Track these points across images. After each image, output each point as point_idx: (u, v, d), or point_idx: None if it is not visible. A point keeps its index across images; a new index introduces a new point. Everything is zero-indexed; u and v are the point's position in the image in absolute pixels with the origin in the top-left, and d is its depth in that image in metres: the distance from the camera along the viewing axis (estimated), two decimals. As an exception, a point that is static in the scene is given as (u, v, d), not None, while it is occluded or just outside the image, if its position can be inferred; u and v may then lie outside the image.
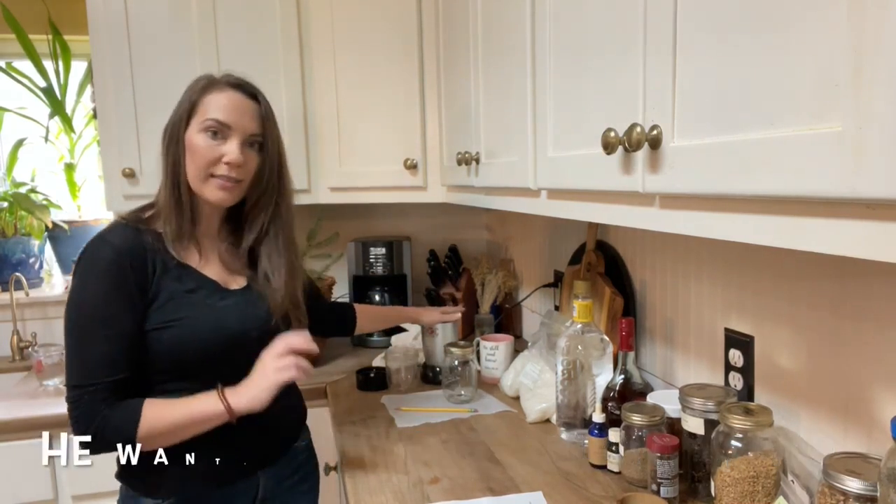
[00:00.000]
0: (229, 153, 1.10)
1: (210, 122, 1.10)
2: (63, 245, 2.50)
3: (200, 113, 1.12)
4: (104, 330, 1.04)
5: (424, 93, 1.95)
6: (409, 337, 2.02)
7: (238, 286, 1.19)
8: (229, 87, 1.14)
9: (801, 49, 0.54)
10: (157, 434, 1.03)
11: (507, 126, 1.29)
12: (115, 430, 1.03)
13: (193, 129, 1.12)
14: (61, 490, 1.73)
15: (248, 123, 1.13)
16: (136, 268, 1.06)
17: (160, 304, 1.08)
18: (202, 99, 1.12)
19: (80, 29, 2.20)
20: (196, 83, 1.15)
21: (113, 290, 1.04)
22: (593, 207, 0.98)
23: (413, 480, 1.22)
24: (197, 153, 1.10)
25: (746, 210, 0.64)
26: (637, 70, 0.78)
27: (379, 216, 2.48)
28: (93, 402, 1.03)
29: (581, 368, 1.34)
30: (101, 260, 1.06)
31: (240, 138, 1.12)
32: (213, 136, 1.11)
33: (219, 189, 1.12)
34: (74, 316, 1.06)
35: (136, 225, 1.12)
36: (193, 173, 1.11)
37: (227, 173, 1.11)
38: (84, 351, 1.05)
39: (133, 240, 1.09)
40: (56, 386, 1.91)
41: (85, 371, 1.04)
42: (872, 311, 0.88)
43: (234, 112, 1.12)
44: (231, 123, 1.11)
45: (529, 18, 1.12)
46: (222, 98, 1.12)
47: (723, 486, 0.97)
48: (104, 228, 1.12)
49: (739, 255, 1.14)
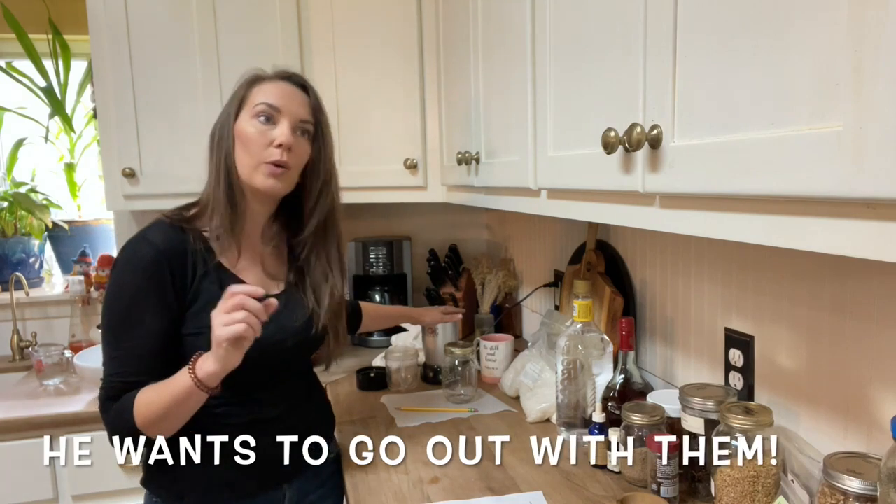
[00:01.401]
0: (280, 135, 1.08)
1: (261, 107, 1.09)
2: (63, 245, 2.51)
3: (250, 102, 1.10)
4: (132, 329, 1.03)
5: (425, 92, 1.95)
6: (409, 337, 2.02)
7: (277, 291, 1.16)
8: (278, 77, 1.14)
9: (801, 48, 0.54)
10: (156, 418, 1.00)
11: (507, 125, 1.29)
12: (118, 421, 1.02)
13: (243, 119, 1.10)
14: (61, 490, 1.73)
15: (298, 109, 1.12)
16: (176, 270, 1.05)
17: (198, 309, 1.06)
18: (250, 91, 1.11)
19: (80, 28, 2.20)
20: (246, 77, 1.14)
21: (147, 290, 1.03)
22: (593, 207, 0.98)
23: (413, 480, 1.22)
24: (248, 140, 1.09)
25: (747, 210, 0.64)
26: (637, 69, 0.78)
27: (379, 216, 2.48)
28: (105, 398, 1.04)
29: (581, 368, 1.34)
30: (139, 259, 1.04)
31: (290, 122, 1.10)
32: (265, 122, 1.09)
33: (269, 176, 1.08)
34: (107, 312, 1.05)
35: (180, 224, 1.09)
36: (245, 161, 1.09)
37: (278, 157, 1.08)
38: (111, 347, 1.05)
39: (175, 239, 1.07)
40: (56, 386, 1.91)
41: (111, 368, 1.04)
42: (873, 310, 0.88)
43: (283, 97, 1.11)
44: (281, 106, 1.09)
45: (530, 18, 1.12)
46: (273, 86, 1.12)
47: (723, 486, 0.97)
48: (145, 227, 1.09)
49: (740, 255, 1.14)
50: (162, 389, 1.00)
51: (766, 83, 0.59)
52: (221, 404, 1.07)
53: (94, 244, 2.49)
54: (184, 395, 0.98)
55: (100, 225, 2.55)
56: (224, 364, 0.95)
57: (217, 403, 1.05)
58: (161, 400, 0.99)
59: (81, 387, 1.89)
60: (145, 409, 1.00)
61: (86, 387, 1.88)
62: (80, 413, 1.69)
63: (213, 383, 0.98)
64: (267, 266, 1.18)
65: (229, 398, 1.06)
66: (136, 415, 1.00)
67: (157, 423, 1.01)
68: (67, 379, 1.95)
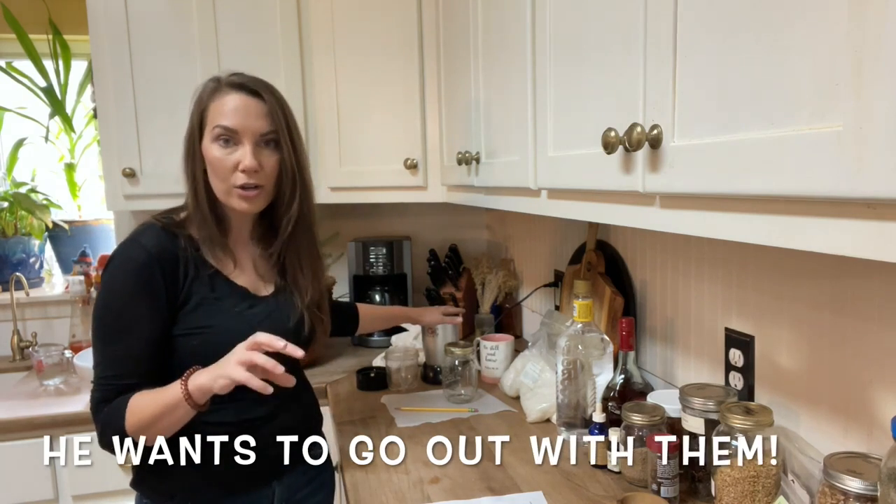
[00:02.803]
0: (242, 159, 1.07)
1: (218, 130, 1.08)
2: (63, 245, 2.50)
3: (209, 121, 1.09)
4: (124, 332, 1.04)
5: (425, 92, 1.95)
6: (409, 337, 2.02)
7: (268, 292, 1.18)
8: (231, 89, 1.09)
9: (801, 48, 0.54)
10: (143, 425, 1.01)
11: (507, 125, 1.29)
12: (109, 425, 1.02)
13: (207, 140, 1.09)
14: (62, 490, 1.73)
15: (255, 123, 1.08)
16: (168, 273, 1.06)
17: (189, 310, 1.07)
18: (209, 106, 1.10)
19: (80, 28, 2.20)
20: (203, 88, 1.12)
21: (139, 294, 1.04)
22: (593, 207, 0.98)
23: (413, 480, 1.22)
24: (215, 164, 1.08)
25: (747, 210, 0.64)
26: (637, 69, 0.78)
27: (379, 216, 2.48)
28: (98, 400, 1.04)
29: (581, 368, 1.34)
30: (131, 262, 1.05)
31: (251, 140, 1.08)
32: (225, 144, 1.08)
33: (241, 199, 1.09)
34: (98, 315, 1.06)
35: (171, 228, 1.10)
36: (217, 185, 1.10)
37: (245, 181, 1.08)
38: (103, 351, 1.05)
39: (167, 244, 1.07)
40: (56, 386, 1.91)
41: (100, 370, 1.05)
42: (873, 310, 0.88)
43: (238, 115, 1.08)
44: (238, 128, 1.07)
45: (530, 18, 1.12)
46: (226, 102, 1.08)
47: (723, 486, 0.97)
48: (136, 231, 1.10)
49: (740, 255, 1.14)
50: (154, 397, 1.01)
51: (766, 83, 0.59)
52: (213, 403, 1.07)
53: (95, 244, 2.50)
54: (172, 405, 0.99)
55: (100, 225, 2.55)
56: (218, 389, 0.98)
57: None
58: (151, 407, 1.00)
59: (81, 387, 1.89)
60: (136, 414, 1.01)
61: (86, 387, 1.87)
62: (80, 413, 1.69)
63: (201, 399, 0.99)
64: (258, 267, 1.18)
65: (220, 398, 1.05)
66: (127, 418, 1.01)
67: (146, 429, 1.02)
68: (67, 379, 1.95)
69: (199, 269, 1.09)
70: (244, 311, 1.12)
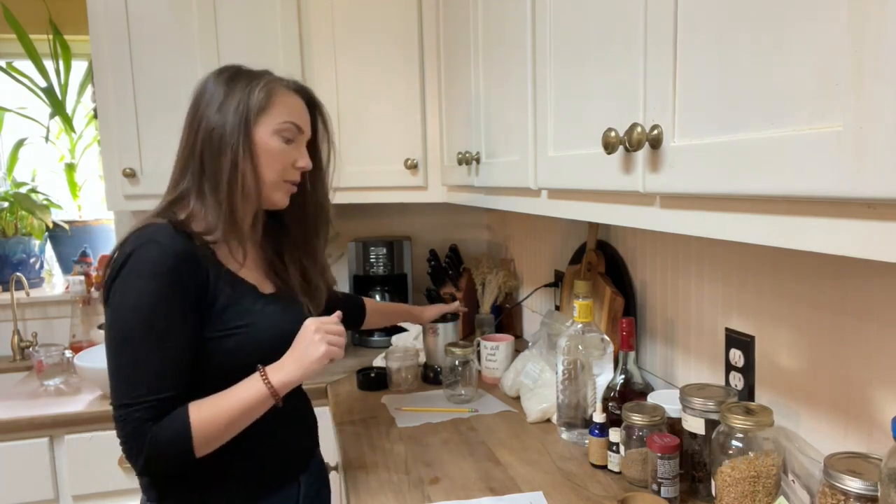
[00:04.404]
0: (302, 159, 1.12)
1: (288, 125, 1.09)
2: (64, 245, 2.51)
3: (272, 115, 1.07)
4: (159, 342, 0.95)
5: (425, 92, 1.95)
6: (409, 337, 2.02)
7: (269, 290, 1.15)
8: (295, 91, 1.14)
9: (801, 48, 0.54)
10: (213, 437, 0.97)
11: (507, 126, 1.29)
12: (170, 446, 0.94)
13: (265, 131, 1.06)
14: (62, 490, 1.73)
15: (309, 129, 1.16)
16: (193, 273, 0.99)
17: (219, 311, 1.02)
18: (271, 100, 1.07)
19: (80, 28, 2.21)
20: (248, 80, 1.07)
21: (170, 298, 0.96)
22: (594, 207, 0.98)
23: (413, 480, 1.22)
24: (275, 158, 1.07)
25: (747, 210, 0.64)
26: (637, 70, 0.78)
27: (379, 216, 2.48)
28: (141, 420, 0.94)
29: (581, 368, 1.34)
30: (156, 263, 0.96)
31: (304, 143, 1.14)
32: (287, 140, 1.10)
33: (286, 194, 1.13)
34: (128, 326, 0.95)
35: (182, 228, 1.03)
36: (269, 178, 1.08)
37: (297, 179, 1.13)
38: (135, 365, 0.95)
39: (185, 243, 1.00)
40: (57, 386, 1.91)
41: (135, 388, 0.94)
42: (873, 310, 0.88)
43: (302, 117, 1.13)
44: (304, 127, 1.13)
45: (530, 18, 1.12)
46: (294, 102, 1.12)
47: (723, 486, 0.97)
48: (146, 231, 1.00)
49: (740, 255, 1.14)
50: (222, 403, 0.97)
51: (766, 83, 0.59)
52: None
53: (95, 244, 2.50)
54: (255, 404, 0.99)
55: (100, 225, 2.55)
56: (309, 375, 1.02)
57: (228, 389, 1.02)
58: (225, 414, 0.97)
59: (82, 387, 1.89)
60: (206, 425, 0.95)
61: (86, 387, 1.88)
62: (80, 413, 1.69)
63: (283, 392, 1.01)
64: (260, 265, 1.18)
65: None
66: (196, 434, 0.94)
67: (218, 439, 0.98)
68: (68, 379, 1.95)
69: (218, 269, 1.05)
70: (263, 309, 1.09)
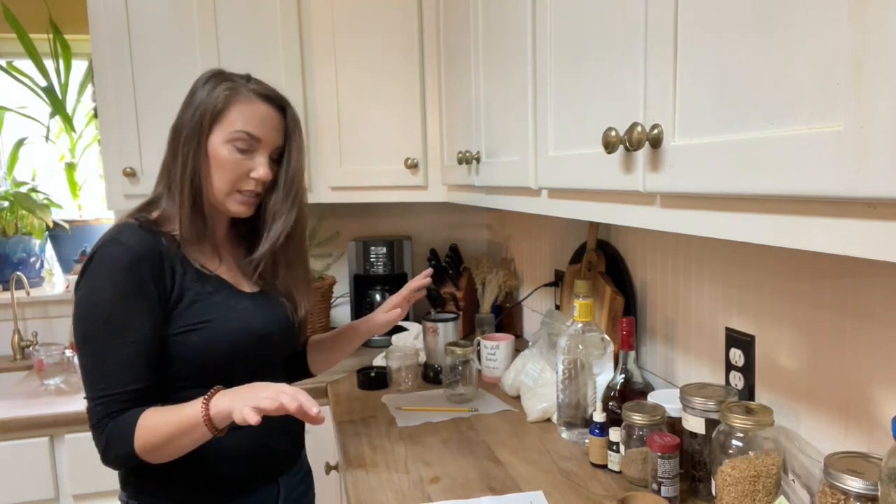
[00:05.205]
0: (258, 170, 1.08)
1: (241, 135, 1.06)
2: (64, 244, 2.51)
3: (228, 122, 1.06)
4: (119, 337, 0.97)
5: (425, 92, 1.95)
6: (409, 336, 2.02)
7: (249, 289, 1.15)
8: (259, 98, 1.09)
9: (801, 48, 0.54)
10: (153, 446, 0.96)
11: (507, 125, 1.29)
12: (117, 445, 0.97)
13: (218, 139, 1.06)
14: (62, 489, 1.73)
15: (275, 137, 1.11)
16: (155, 271, 1.00)
17: (185, 307, 1.03)
18: (231, 107, 1.06)
19: (80, 28, 2.20)
20: (215, 84, 1.08)
21: (130, 294, 0.98)
22: (594, 207, 0.98)
23: (414, 479, 1.22)
24: (225, 167, 1.06)
25: (747, 209, 0.64)
26: (638, 69, 0.78)
27: (380, 215, 2.48)
28: (102, 414, 0.97)
29: (582, 368, 1.34)
30: (115, 262, 0.98)
31: (267, 153, 1.10)
32: (242, 150, 1.07)
33: (241, 204, 1.10)
34: (87, 323, 0.99)
35: (149, 227, 1.05)
36: (219, 185, 1.07)
37: (253, 189, 1.09)
38: (98, 360, 0.98)
39: (149, 241, 1.02)
40: (57, 385, 1.91)
41: (99, 382, 0.98)
42: (874, 310, 0.88)
43: (264, 126, 1.08)
44: (262, 137, 1.08)
45: (530, 17, 1.12)
46: (255, 110, 1.08)
47: (723, 486, 0.97)
48: (113, 230, 1.03)
49: (740, 255, 1.14)
50: (168, 416, 0.96)
51: (766, 83, 0.59)
52: None
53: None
54: (190, 426, 0.94)
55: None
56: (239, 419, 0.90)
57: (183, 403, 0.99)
58: (166, 427, 0.95)
59: (82, 386, 1.89)
60: (148, 433, 0.95)
61: (86, 386, 1.88)
62: (80, 413, 1.69)
63: (221, 424, 0.94)
64: (241, 264, 1.17)
65: None
66: (137, 438, 0.95)
67: (158, 450, 0.96)
68: (68, 378, 1.95)
69: (185, 266, 1.06)
70: (236, 306, 1.10)
